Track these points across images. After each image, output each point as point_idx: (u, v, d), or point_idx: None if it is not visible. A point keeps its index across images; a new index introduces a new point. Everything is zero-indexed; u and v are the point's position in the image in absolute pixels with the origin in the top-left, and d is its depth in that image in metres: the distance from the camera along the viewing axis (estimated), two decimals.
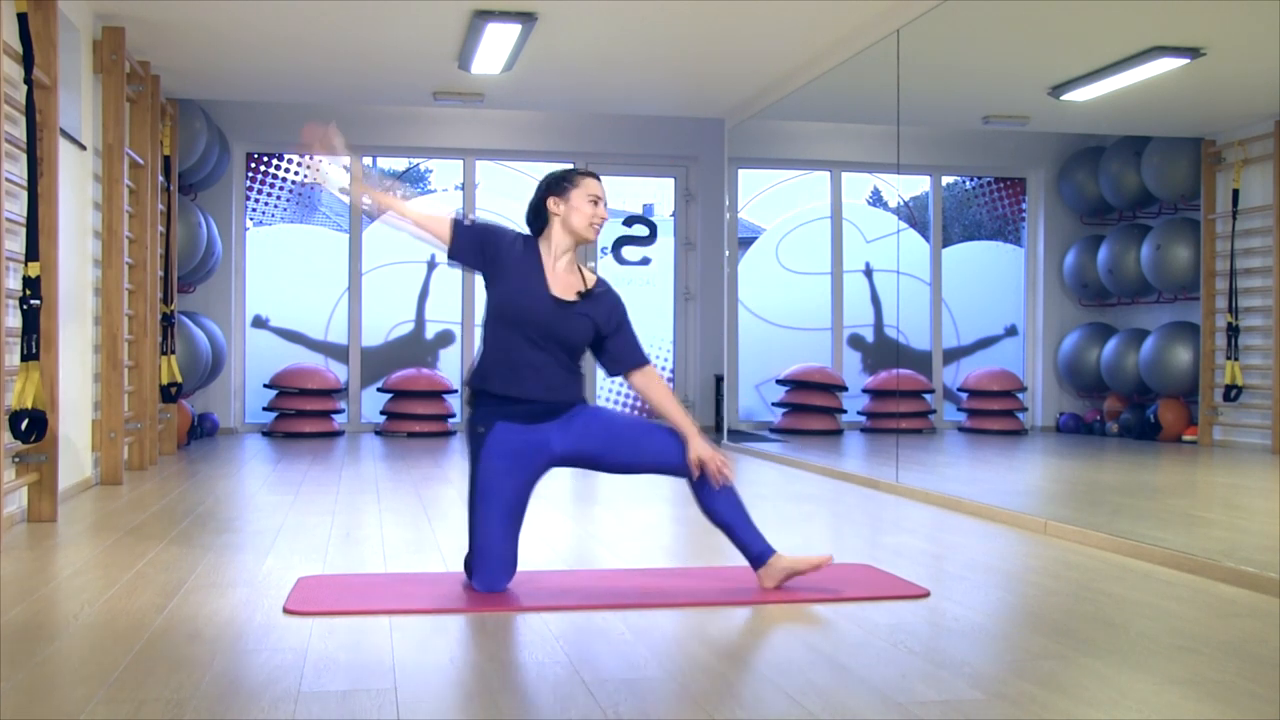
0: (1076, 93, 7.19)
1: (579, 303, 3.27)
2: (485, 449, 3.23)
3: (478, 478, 3.24)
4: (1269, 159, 7.73)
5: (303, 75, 7.69)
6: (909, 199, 10.10)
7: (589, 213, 3.29)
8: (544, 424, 3.25)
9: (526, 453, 3.24)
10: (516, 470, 3.23)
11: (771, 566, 3.29)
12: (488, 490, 3.22)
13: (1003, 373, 9.49)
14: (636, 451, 3.28)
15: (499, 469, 3.22)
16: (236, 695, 2.32)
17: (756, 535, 3.32)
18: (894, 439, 8.29)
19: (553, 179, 3.35)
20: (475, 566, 3.25)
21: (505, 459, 3.22)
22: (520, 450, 3.23)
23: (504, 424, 3.23)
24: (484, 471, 3.23)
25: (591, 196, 3.30)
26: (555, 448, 3.26)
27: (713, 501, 3.30)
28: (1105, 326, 9.42)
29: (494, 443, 3.22)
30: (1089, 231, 9.57)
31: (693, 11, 6.21)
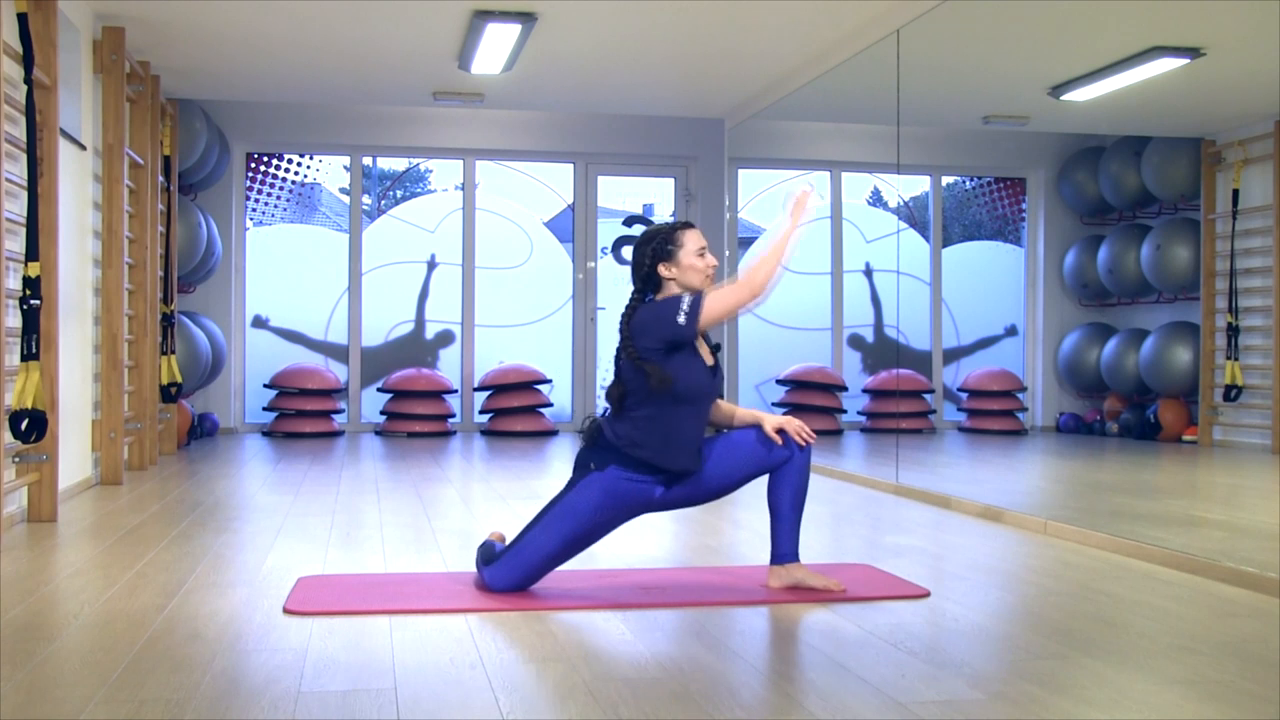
0: (1076, 93, 7.19)
1: (716, 360, 3.30)
2: (591, 481, 3.19)
3: (570, 499, 3.20)
4: (1269, 159, 7.73)
5: (303, 75, 7.69)
6: (909, 199, 10.10)
7: (702, 266, 3.23)
8: (651, 475, 3.22)
9: (628, 503, 3.21)
10: (611, 516, 3.21)
11: (786, 570, 3.30)
12: (570, 512, 3.19)
13: (1003, 373, 9.49)
14: (727, 470, 3.27)
15: (595, 505, 3.18)
16: (236, 695, 2.32)
17: (792, 537, 3.32)
18: (894, 439, 8.29)
19: (656, 244, 3.25)
20: (502, 560, 3.23)
21: (607, 500, 3.18)
22: (624, 499, 3.20)
23: (618, 469, 3.19)
24: (579, 500, 3.19)
25: (699, 249, 3.25)
26: (655, 497, 3.25)
27: (783, 485, 3.28)
28: (1105, 326, 9.42)
29: (604, 481, 3.18)
30: (1089, 231, 9.57)
31: (693, 11, 6.21)
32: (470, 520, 4.67)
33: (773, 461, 3.27)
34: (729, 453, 3.28)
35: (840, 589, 3.26)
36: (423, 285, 9.54)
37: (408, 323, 9.53)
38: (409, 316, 9.53)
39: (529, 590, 3.25)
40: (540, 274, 9.72)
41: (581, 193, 9.66)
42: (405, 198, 9.93)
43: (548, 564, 3.23)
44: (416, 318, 9.53)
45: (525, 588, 3.24)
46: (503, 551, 3.26)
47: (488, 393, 9.16)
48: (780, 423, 3.26)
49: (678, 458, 3.20)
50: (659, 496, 3.24)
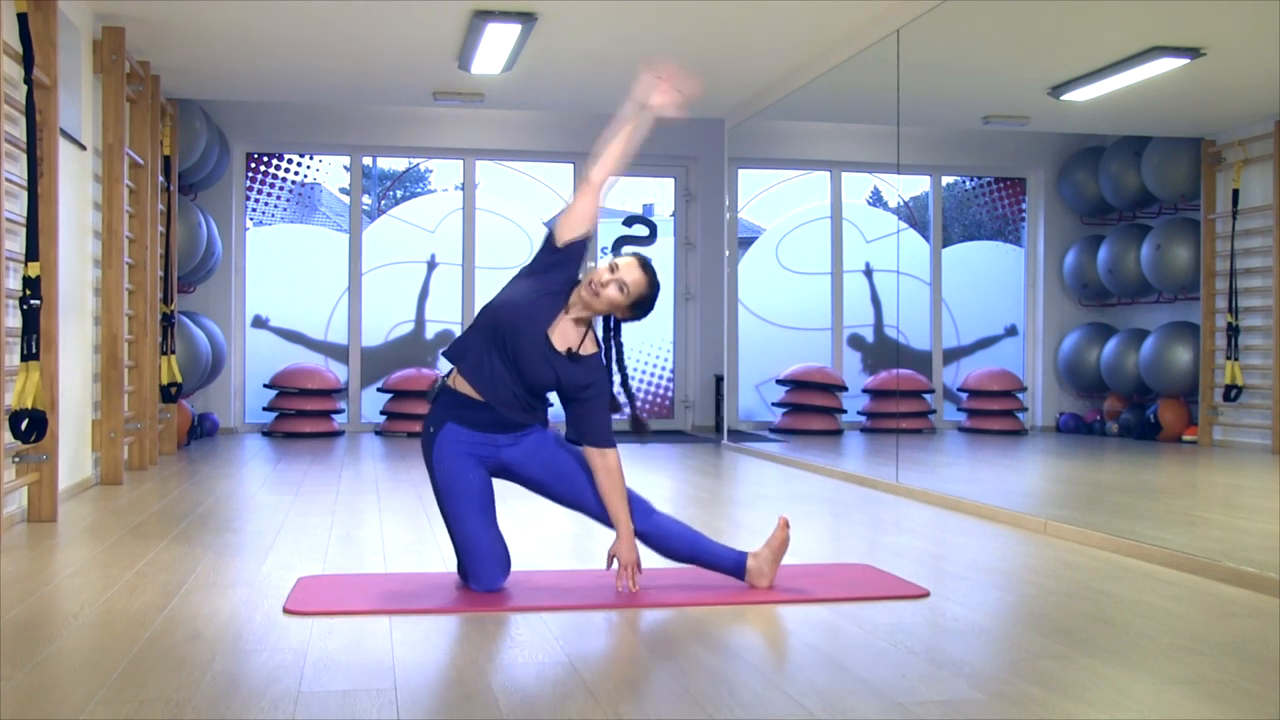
0: (1076, 93, 7.19)
1: (559, 355, 3.23)
2: (437, 448, 3.24)
3: (439, 479, 3.25)
4: (1269, 159, 7.73)
5: (303, 75, 7.69)
6: (909, 199, 10.10)
7: (596, 275, 3.24)
8: (493, 434, 3.26)
9: (476, 450, 3.25)
10: (472, 464, 3.24)
11: (753, 568, 3.30)
12: (452, 487, 3.23)
13: (1003, 373, 9.49)
14: (575, 491, 3.29)
15: (456, 466, 3.23)
16: (236, 695, 2.32)
17: (723, 551, 3.34)
18: (894, 439, 8.29)
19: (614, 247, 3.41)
20: (469, 567, 3.25)
21: (458, 455, 3.23)
22: (470, 447, 3.24)
23: (453, 425, 3.24)
24: (441, 471, 3.24)
25: (611, 264, 3.26)
26: (503, 455, 3.27)
27: (668, 546, 3.32)
28: (1105, 326, 9.42)
29: (444, 441, 3.24)
30: (1089, 231, 9.57)
31: (693, 11, 6.21)
32: None
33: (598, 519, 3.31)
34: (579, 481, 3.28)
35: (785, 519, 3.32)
36: (423, 285, 9.54)
37: (408, 323, 9.53)
38: (409, 316, 9.53)
39: (527, 590, 3.25)
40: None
41: None
42: (405, 198, 9.93)
43: (488, 535, 3.23)
44: (416, 318, 9.53)
45: (505, 571, 3.25)
46: (460, 562, 3.29)
47: None
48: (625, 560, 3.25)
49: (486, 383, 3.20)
50: (505, 456, 3.26)
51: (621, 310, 3.27)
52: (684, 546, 3.32)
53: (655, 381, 9.86)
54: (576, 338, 3.27)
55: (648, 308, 3.31)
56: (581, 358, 3.25)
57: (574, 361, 3.24)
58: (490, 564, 3.23)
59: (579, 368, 3.24)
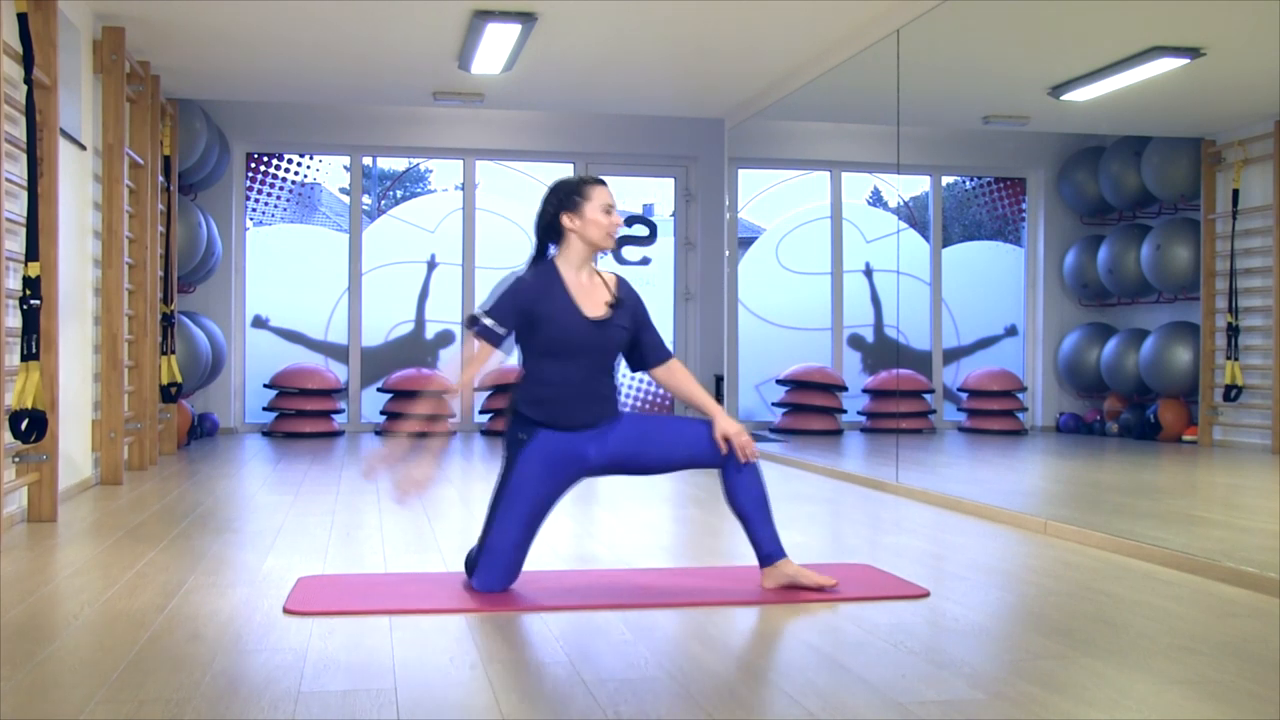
0: (1076, 93, 7.19)
1: (611, 314, 3.26)
2: (525, 453, 3.22)
3: (509, 479, 3.23)
4: (1269, 159, 7.73)
5: (303, 75, 7.69)
6: (909, 199, 10.10)
7: (605, 223, 3.26)
8: (583, 432, 3.25)
9: (562, 462, 3.24)
10: (549, 478, 3.23)
11: (777, 570, 3.30)
12: (517, 493, 3.22)
13: (1003, 373, 9.49)
14: (669, 448, 3.30)
15: (533, 474, 3.21)
16: (236, 695, 2.32)
17: (771, 534, 3.32)
18: (894, 439, 8.29)
19: (562, 193, 3.29)
20: (481, 564, 3.24)
21: (542, 466, 3.21)
22: (557, 459, 3.23)
23: (547, 431, 3.23)
24: (517, 475, 3.22)
25: (605, 206, 3.26)
26: (591, 459, 3.27)
27: (738, 491, 3.30)
28: (1105, 326, 9.42)
29: (534, 449, 3.22)
30: (1089, 231, 9.57)
31: (693, 11, 6.21)
32: (470, 520, 4.66)
33: (713, 460, 3.29)
34: (674, 436, 3.30)
35: (833, 584, 3.27)
36: (423, 285, 9.54)
37: (408, 323, 9.53)
38: (409, 316, 9.53)
39: (527, 590, 3.25)
40: None
41: None
42: (405, 198, 9.93)
43: (519, 549, 3.24)
44: (416, 318, 9.53)
45: (511, 582, 3.25)
46: (477, 555, 3.27)
47: (487, 393, 9.16)
48: (729, 433, 3.26)
49: (571, 413, 3.21)
50: (593, 456, 3.25)
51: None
52: (748, 503, 3.30)
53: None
54: (601, 288, 3.30)
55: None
56: (619, 297, 3.30)
57: (620, 306, 3.28)
58: (499, 571, 3.23)
59: (627, 304, 3.31)
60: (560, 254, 3.32)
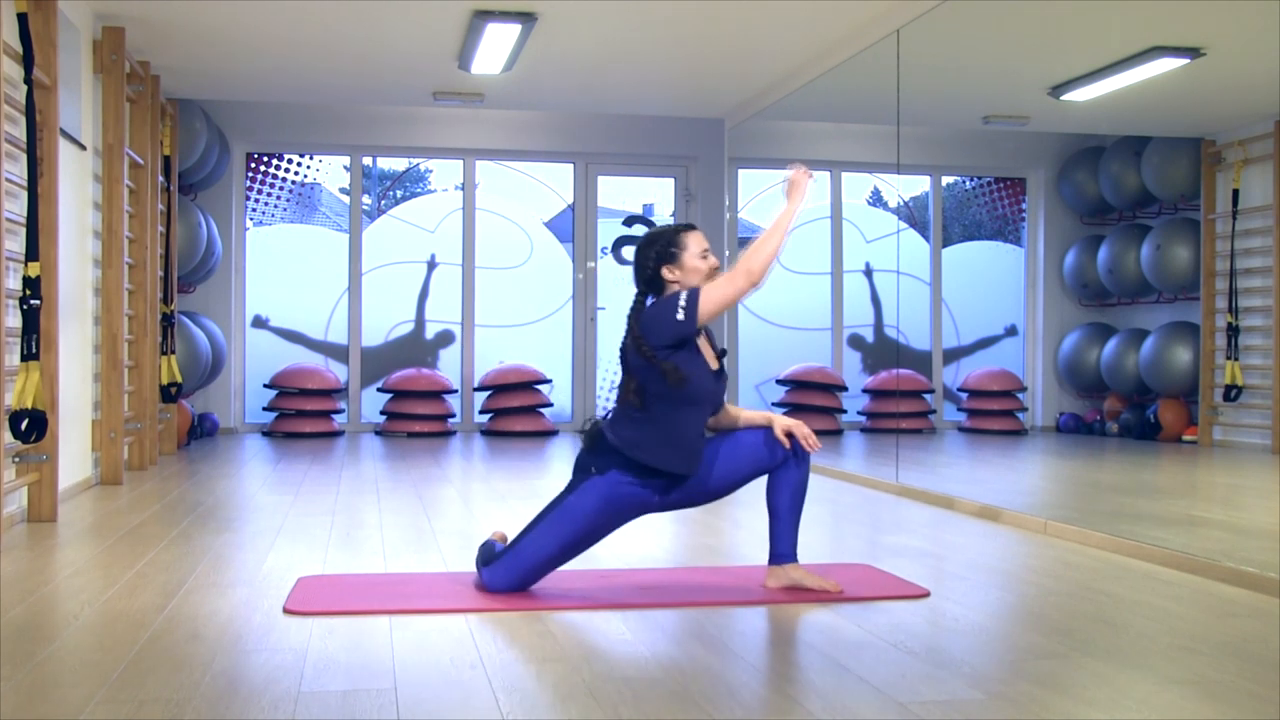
0: (1076, 93, 7.19)
1: (722, 366, 3.29)
2: (591, 484, 3.19)
3: (569, 502, 3.20)
4: (1269, 159, 7.72)
5: (303, 75, 7.69)
6: (909, 199, 10.10)
7: (704, 268, 3.22)
8: (652, 480, 3.22)
9: (626, 507, 3.22)
10: (609, 520, 3.22)
11: (784, 571, 3.30)
12: (572, 516, 3.18)
13: (1003, 373, 9.49)
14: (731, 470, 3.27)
15: (595, 510, 3.18)
16: (236, 695, 2.32)
17: (790, 538, 3.32)
18: (894, 439, 8.29)
19: (660, 247, 3.23)
20: (501, 562, 3.23)
21: (607, 505, 3.19)
22: (622, 503, 3.20)
23: (618, 473, 3.19)
24: (578, 503, 3.19)
25: (702, 252, 3.24)
26: (654, 503, 3.25)
27: (782, 487, 3.30)
28: (1105, 326, 9.41)
29: (604, 485, 3.18)
30: (1089, 231, 9.57)
31: (693, 11, 6.21)
32: (470, 520, 4.67)
33: (774, 462, 3.29)
34: (731, 453, 3.29)
35: (837, 589, 3.26)
36: (423, 285, 9.54)
37: (408, 323, 9.53)
38: (409, 316, 9.53)
39: (529, 590, 3.25)
40: (540, 274, 9.72)
41: (581, 193, 9.66)
42: (405, 198, 9.93)
43: (546, 566, 3.23)
44: (416, 318, 9.53)
45: (523, 589, 3.25)
46: (502, 552, 3.26)
47: (488, 393, 9.16)
48: (790, 426, 3.28)
49: (679, 461, 3.20)
50: (658, 500, 3.25)
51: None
52: (783, 502, 3.30)
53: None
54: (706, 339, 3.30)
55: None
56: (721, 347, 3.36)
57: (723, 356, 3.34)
58: (516, 577, 3.21)
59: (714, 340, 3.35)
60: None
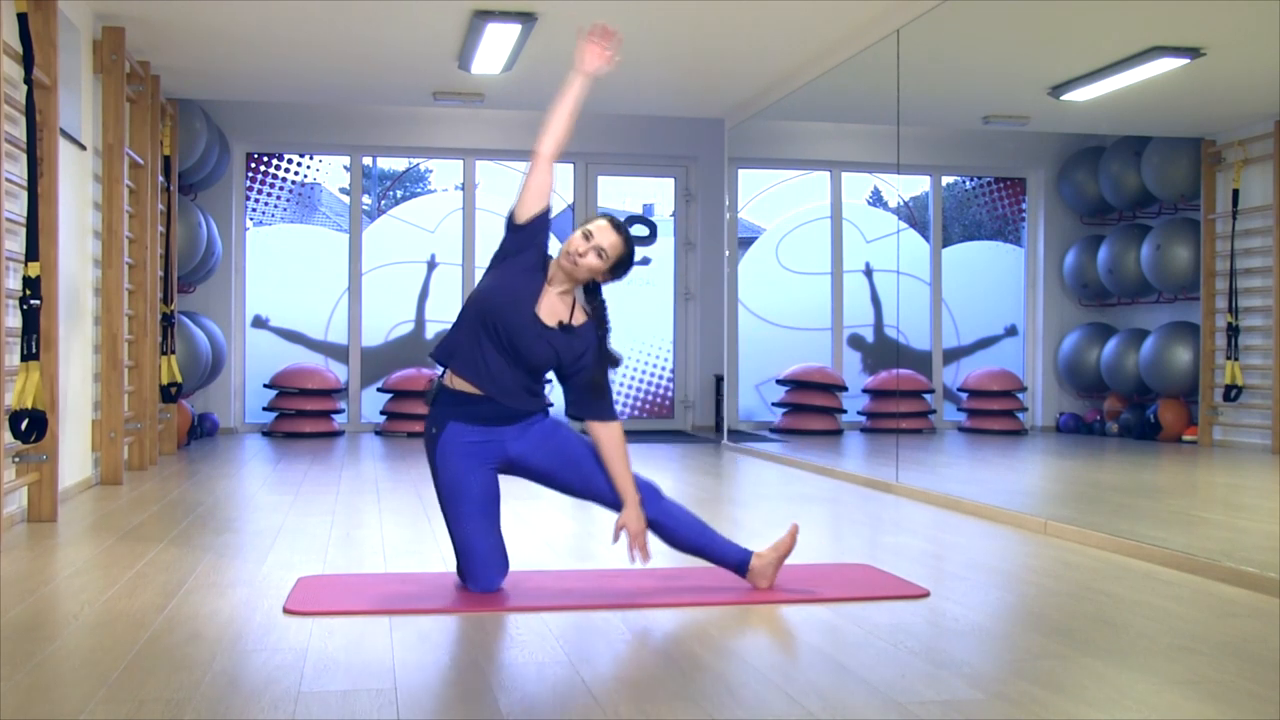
0: (1076, 93, 7.19)
1: (553, 330, 3.23)
2: (440, 449, 3.22)
3: (441, 480, 3.23)
4: (1269, 159, 7.73)
5: (303, 75, 7.69)
6: (909, 199, 10.10)
7: (571, 245, 3.24)
8: (499, 427, 3.24)
9: (482, 449, 3.23)
10: (475, 465, 3.22)
11: (756, 567, 3.30)
12: (454, 489, 3.21)
13: (1003, 373, 9.49)
14: (586, 479, 3.27)
15: (459, 467, 3.21)
16: (236, 695, 2.32)
17: (728, 546, 3.32)
18: (894, 439, 8.29)
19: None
20: (466, 569, 3.25)
21: (462, 456, 3.21)
22: (475, 446, 3.22)
23: (456, 424, 3.22)
24: (445, 471, 3.22)
25: (584, 231, 3.25)
26: (510, 450, 3.25)
27: (674, 534, 3.30)
28: (1105, 326, 9.42)
29: (448, 441, 3.21)
30: (1089, 231, 9.57)
31: (693, 11, 6.21)
32: None
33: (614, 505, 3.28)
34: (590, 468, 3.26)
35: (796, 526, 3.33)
36: (423, 285, 9.54)
37: (408, 323, 9.53)
38: (409, 316, 9.53)
39: (527, 590, 3.25)
40: None
41: (581, 193, 9.66)
42: (405, 198, 9.93)
43: (486, 541, 3.22)
44: (416, 318, 9.53)
45: (503, 574, 3.25)
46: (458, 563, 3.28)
47: None
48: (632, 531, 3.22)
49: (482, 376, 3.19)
50: (512, 451, 3.24)
51: (602, 275, 3.28)
52: (691, 536, 3.30)
53: (655, 381, 9.86)
54: (565, 309, 3.27)
55: (626, 268, 3.33)
56: (574, 328, 3.25)
57: (567, 333, 3.24)
58: (488, 567, 3.23)
59: (573, 338, 3.24)
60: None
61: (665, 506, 3.29)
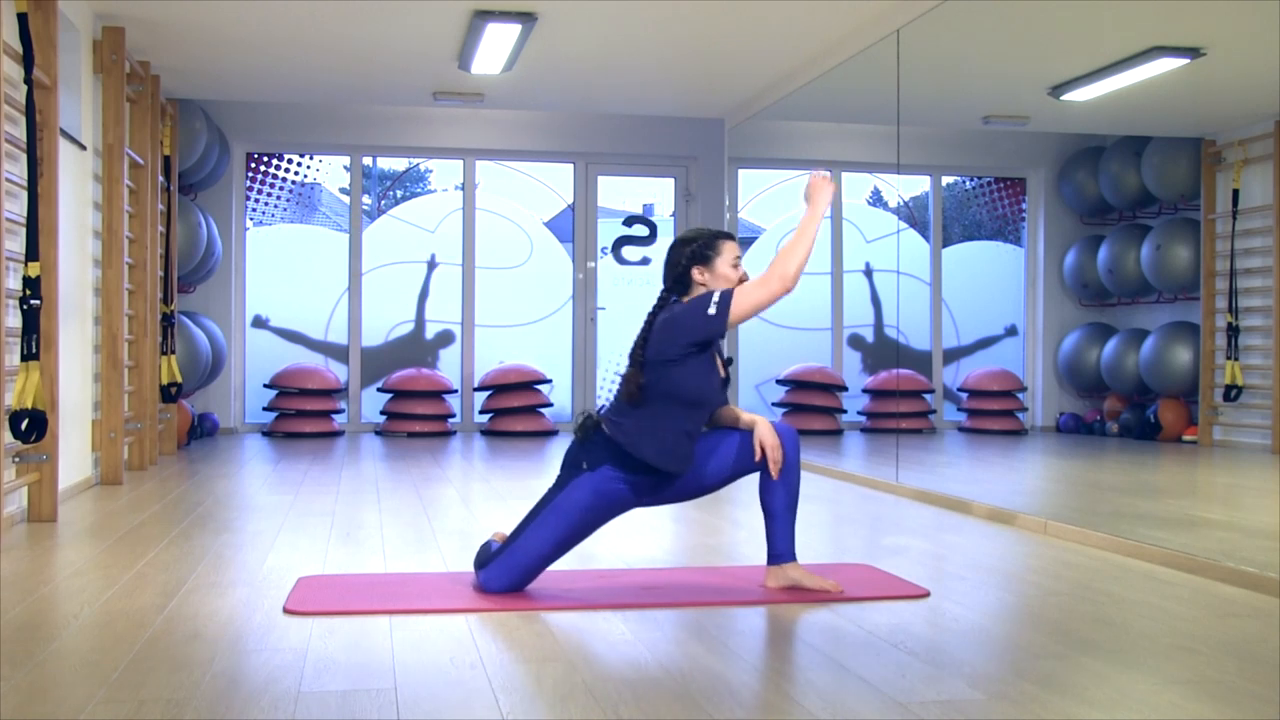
0: (1076, 93, 7.19)
1: (727, 374, 3.31)
2: (580, 480, 3.19)
3: (560, 499, 3.20)
4: (1269, 159, 7.73)
5: (303, 75, 7.69)
6: (909, 199, 10.10)
7: (735, 278, 3.26)
8: (642, 477, 3.23)
9: (616, 503, 3.23)
10: (600, 514, 3.22)
11: (783, 571, 3.30)
12: (564, 515, 3.19)
13: (1003, 373, 9.49)
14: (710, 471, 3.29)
15: (587, 506, 3.19)
16: (236, 695, 2.32)
17: (788, 536, 3.32)
18: (894, 439, 8.29)
19: (695, 248, 3.29)
20: (497, 563, 3.23)
21: (597, 500, 3.19)
22: (612, 498, 3.21)
23: (610, 469, 3.19)
24: (569, 500, 3.19)
25: (734, 259, 3.29)
26: (643, 500, 3.27)
27: (773, 487, 3.29)
28: (1105, 326, 9.42)
29: (595, 481, 3.18)
30: (1089, 231, 9.57)
31: (693, 11, 6.21)
32: (470, 520, 4.67)
33: (753, 468, 3.30)
34: (719, 452, 3.30)
35: (838, 589, 3.26)
36: (423, 285, 9.54)
37: (408, 323, 9.53)
38: (409, 316, 9.53)
39: (528, 590, 3.25)
40: (540, 274, 9.72)
41: (581, 193, 9.66)
42: (405, 198, 9.93)
43: (540, 565, 3.24)
44: (416, 318, 9.53)
45: (520, 589, 3.25)
46: (497, 553, 3.26)
47: (488, 393, 9.16)
48: (764, 439, 3.25)
49: (674, 461, 3.21)
50: (648, 498, 3.27)
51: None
52: (776, 502, 3.29)
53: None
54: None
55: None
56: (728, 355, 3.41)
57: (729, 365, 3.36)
58: (512, 577, 3.22)
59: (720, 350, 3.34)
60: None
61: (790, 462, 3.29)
